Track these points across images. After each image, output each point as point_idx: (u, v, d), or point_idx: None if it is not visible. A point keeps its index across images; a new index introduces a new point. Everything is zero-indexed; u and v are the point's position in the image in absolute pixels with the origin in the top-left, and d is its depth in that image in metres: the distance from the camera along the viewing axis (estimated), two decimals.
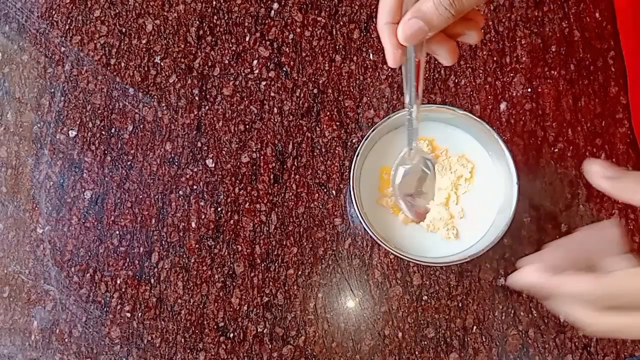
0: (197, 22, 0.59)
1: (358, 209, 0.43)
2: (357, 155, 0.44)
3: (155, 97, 0.57)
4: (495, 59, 0.56)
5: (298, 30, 0.58)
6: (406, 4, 0.37)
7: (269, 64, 0.57)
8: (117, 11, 0.59)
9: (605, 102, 0.55)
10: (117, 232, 0.54)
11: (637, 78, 0.54)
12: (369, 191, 0.47)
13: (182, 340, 0.52)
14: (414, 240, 0.46)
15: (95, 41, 0.58)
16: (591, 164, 0.36)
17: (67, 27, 0.59)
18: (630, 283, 0.33)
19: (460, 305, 0.51)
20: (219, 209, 0.54)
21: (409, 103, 0.43)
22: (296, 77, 0.57)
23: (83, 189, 0.55)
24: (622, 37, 0.55)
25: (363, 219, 0.43)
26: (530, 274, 0.36)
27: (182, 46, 0.58)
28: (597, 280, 0.33)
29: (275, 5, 0.59)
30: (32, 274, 0.54)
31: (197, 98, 0.57)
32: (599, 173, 0.36)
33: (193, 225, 0.54)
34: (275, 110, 0.56)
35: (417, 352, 0.51)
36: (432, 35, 0.37)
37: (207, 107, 0.56)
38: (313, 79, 0.57)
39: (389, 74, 0.57)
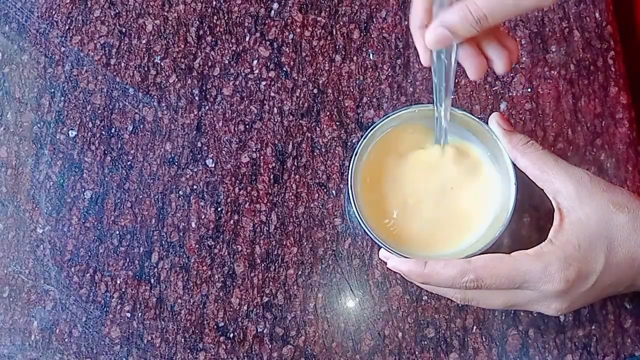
0: (197, 22, 0.59)
1: (356, 209, 0.43)
2: (356, 155, 0.44)
3: (155, 97, 0.57)
4: None
5: (298, 30, 0.58)
6: (435, 9, 0.38)
7: (269, 64, 0.57)
8: (117, 11, 0.59)
9: (605, 102, 0.55)
10: (117, 232, 0.54)
11: None
12: (368, 191, 0.47)
13: (182, 340, 0.52)
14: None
15: (95, 41, 0.58)
16: (495, 114, 0.44)
17: (67, 27, 0.59)
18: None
19: (460, 305, 0.51)
20: (219, 209, 0.54)
21: (437, 102, 0.43)
22: (296, 77, 0.57)
23: (83, 189, 0.55)
24: None
25: (361, 219, 0.43)
26: (403, 264, 0.42)
27: (182, 46, 0.58)
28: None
29: (275, 5, 0.59)
30: (32, 274, 0.54)
31: (197, 98, 0.57)
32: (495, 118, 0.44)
33: (193, 225, 0.54)
34: (275, 110, 0.56)
35: (417, 352, 0.51)
36: (460, 42, 0.38)
37: (207, 107, 0.57)
38: (313, 79, 0.57)
39: (389, 74, 0.57)
